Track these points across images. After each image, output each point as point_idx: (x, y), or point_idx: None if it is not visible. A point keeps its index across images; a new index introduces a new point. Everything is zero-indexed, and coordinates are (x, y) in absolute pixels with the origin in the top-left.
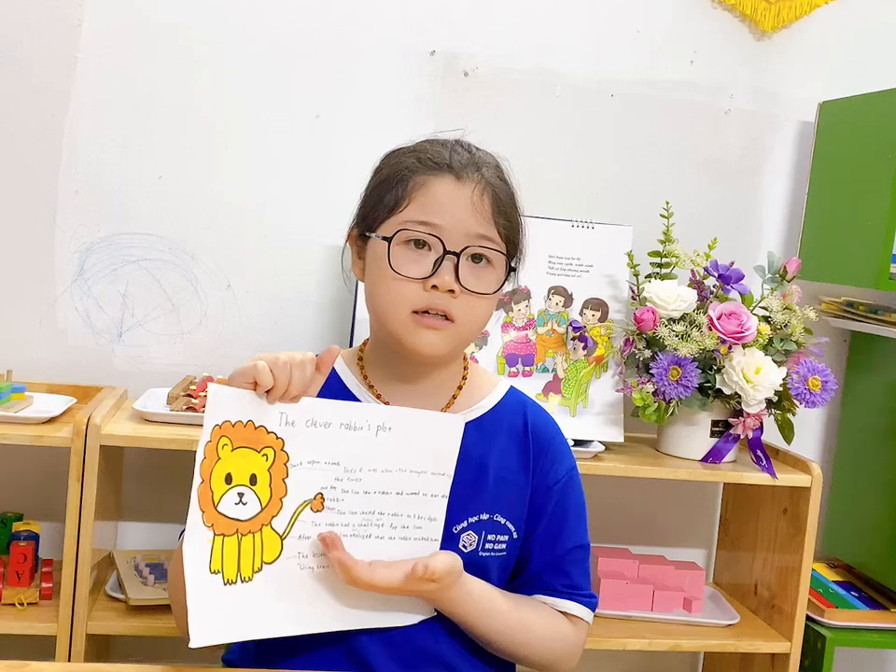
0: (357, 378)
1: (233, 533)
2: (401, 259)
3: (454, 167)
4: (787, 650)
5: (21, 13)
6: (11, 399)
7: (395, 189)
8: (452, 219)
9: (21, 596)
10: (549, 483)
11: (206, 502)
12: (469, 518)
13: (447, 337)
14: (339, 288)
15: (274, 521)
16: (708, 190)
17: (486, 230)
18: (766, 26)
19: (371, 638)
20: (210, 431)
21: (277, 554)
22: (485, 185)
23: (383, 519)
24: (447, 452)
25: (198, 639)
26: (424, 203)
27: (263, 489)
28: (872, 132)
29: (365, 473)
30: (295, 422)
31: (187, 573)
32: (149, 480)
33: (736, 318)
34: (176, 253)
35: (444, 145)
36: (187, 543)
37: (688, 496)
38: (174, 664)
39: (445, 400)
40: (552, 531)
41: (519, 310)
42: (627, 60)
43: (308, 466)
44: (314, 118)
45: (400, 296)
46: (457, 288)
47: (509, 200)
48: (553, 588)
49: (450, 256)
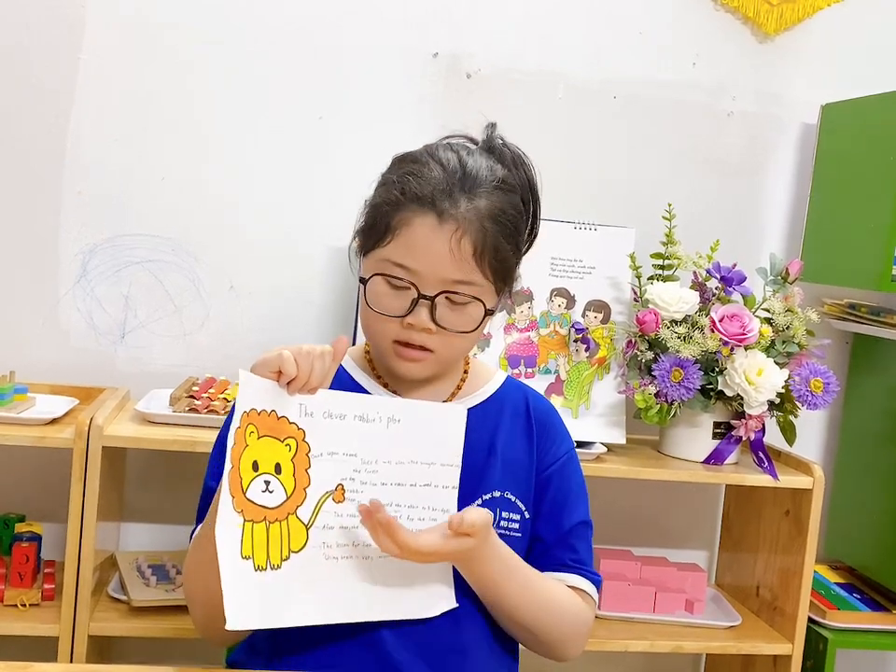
0: (366, 373)
1: (262, 520)
2: (381, 295)
3: (436, 204)
4: (788, 651)
5: (23, 14)
6: (14, 401)
7: (383, 218)
8: (428, 265)
9: (24, 597)
10: (550, 460)
11: (236, 488)
12: (483, 496)
13: (428, 366)
14: (341, 289)
15: (299, 510)
16: (711, 192)
17: (465, 275)
18: (769, 28)
19: (391, 632)
20: (240, 417)
21: (303, 544)
22: (467, 227)
23: (401, 511)
24: (453, 442)
25: (234, 622)
26: (405, 243)
27: (288, 478)
28: (874, 134)
29: (381, 465)
30: (314, 413)
31: (220, 557)
32: (152, 481)
33: (738, 320)
34: (179, 254)
35: (439, 163)
36: (219, 527)
37: (690, 497)
38: (176, 665)
39: (450, 391)
40: (556, 507)
41: (521, 312)
42: (630, 61)
43: (328, 457)
44: (317, 119)
45: (381, 328)
46: (433, 328)
47: (496, 236)
48: (563, 562)
49: (424, 301)
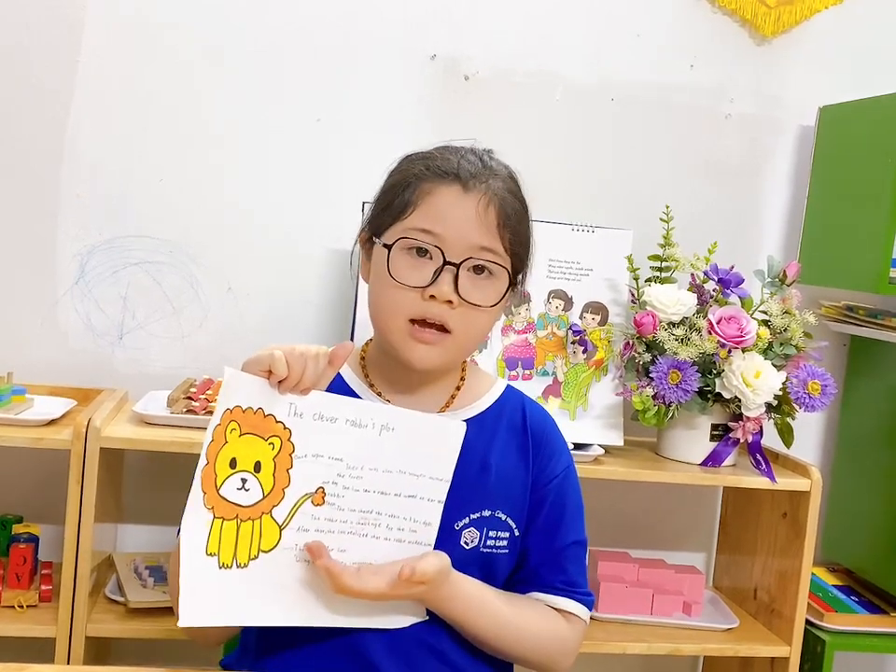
0: (359, 378)
1: (233, 518)
2: (402, 267)
3: (461, 176)
4: (786, 654)
5: (22, 15)
6: (12, 402)
7: (402, 194)
8: (454, 230)
9: (21, 599)
10: (547, 478)
11: (209, 484)
12: (471, 514)
13: (441, 351)
14: (340, 290)
15: (275, 510)
16: (708, 194)
17: (489, 242)
18: (767, 31)
19: (373, 636)
20: (221, 414)
21: (275, 544)
22: (492, 196)
23: (380, 519)
24: (447, 457)
25: (186, 619)
26: (428, 211)
27: (267, 477)
28: (872, 136)
29: (366, 472)
30: (303, 414)
31: (182, 552)
32: (149, 482)
33: (736, 322)
34: (177, 255)
35: (457, 152)
36: (185, 523)
37: (687, 499)
38: (172, 667)
39: (444, 400)
40: (549, 526)
41: (519, 313)
42: (628, 63)
43: (312, 459)
44: (314, 121)
45: (398, 304)
46: (455, 299)
47: (516, 213)
48: (551, 585)
49: (449, 266)
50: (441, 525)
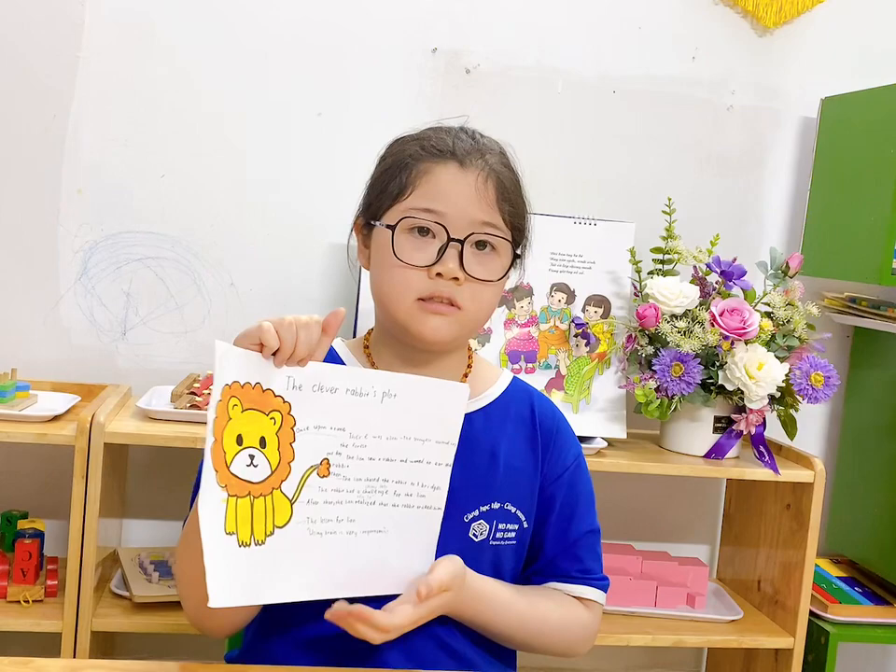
0: (364, 365)
1: (246, 495)
2: (406, 247)
3: (457, 154)
4: (790, 645)
5: (22, 13)
6: (16, 398)
7: (399, 176)
8: (455, 207)
9: (27, 594)
10: (558, 471)
11: (220, 462)
12: (481, 507)
13: (453, 323)
14: (342, 285)
15: (284, 485)
16: (710, 186)
17: (490, 216)
18: (768, 22)
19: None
20: (220, 391)
21: (288, 519)
22: (489, 171)
23: (387, 486)
24: (451, 420)
25: (217, 600)
26: (427, 190)
27: (272, 452)
28: (874, 127)
29: (370, 440)
30: (302, 386)
31: (203, 533)
32: (154, 477)
33: (739, 314)
34: (179, 251)
35: (448, 132)
36: (202, 503)
37: (691, 492)
38: (178, 660)
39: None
40: (564, 518)
41: (521, 307)
42: (629, 56)
43: (314, 430)
44: (315, 115)
45: (405, 284)
46: (462, 276)
47: (513, 186)
48: (567, 574)
49: (454, 243)
50: (450, 516)
